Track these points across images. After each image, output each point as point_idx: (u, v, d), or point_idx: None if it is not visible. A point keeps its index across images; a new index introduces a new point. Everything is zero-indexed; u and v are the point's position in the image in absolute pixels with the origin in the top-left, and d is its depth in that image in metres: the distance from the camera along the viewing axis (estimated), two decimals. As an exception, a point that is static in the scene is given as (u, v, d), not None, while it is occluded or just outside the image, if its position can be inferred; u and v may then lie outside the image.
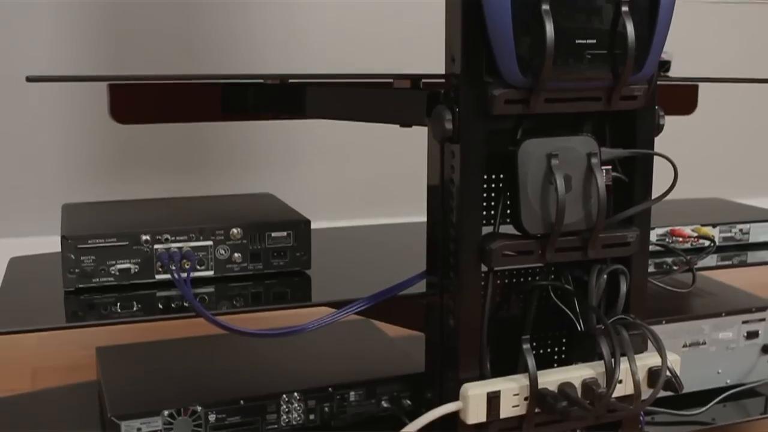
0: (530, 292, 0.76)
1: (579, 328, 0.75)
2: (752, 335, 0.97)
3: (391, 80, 0.72)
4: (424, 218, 0.73)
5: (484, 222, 0.72)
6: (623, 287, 0.74)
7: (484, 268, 0.70)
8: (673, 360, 0.74)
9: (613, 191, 0.74)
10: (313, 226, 0.80)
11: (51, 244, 0.89)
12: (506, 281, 0.76)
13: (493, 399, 0.69)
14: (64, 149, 1.46)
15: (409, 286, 0.75)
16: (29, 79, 0.59)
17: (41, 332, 0.67)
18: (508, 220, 0.72)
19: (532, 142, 0.68)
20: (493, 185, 0.73)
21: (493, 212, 0.73)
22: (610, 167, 0.72)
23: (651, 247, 0.90)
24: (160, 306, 0.74)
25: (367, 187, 1.62)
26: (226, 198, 0.92)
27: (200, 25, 1.48)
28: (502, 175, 0.72)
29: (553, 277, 0.77)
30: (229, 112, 0.83)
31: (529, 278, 0.77)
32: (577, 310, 0.75)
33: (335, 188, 1.61)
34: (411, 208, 1.11)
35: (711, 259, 0.92)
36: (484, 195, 0.73)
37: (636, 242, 0.73)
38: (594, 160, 0.69)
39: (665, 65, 0.88)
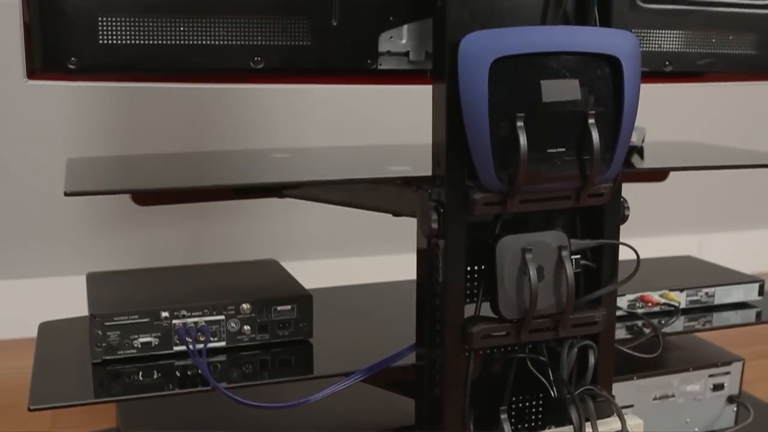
0: (509, 362, 0.84)
1: (553, 395, 0.84)
2: (718, 387, 1.05)
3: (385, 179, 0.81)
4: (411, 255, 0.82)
5: (468, 300, 0.81)
6: (591, 360, 0.83)
7: (466, 344, 0.79)
8: (634, 424, 0.83)
9: (583, 275, 0.83)
10: (309, 262, 0.88)
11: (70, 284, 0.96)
12: (488, 352, 0.85)
13: (474, 464, 0.78)
14: (84, 199, 1.55)
15: (401, 358, 0.84)
16: (67, 194, 0.67)
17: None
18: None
19: (509, 239, 0.76)
20: (476, 267, 0.81)
21: (476, 291, 0.82)
22: (579, 256, 0.81)
23: (623, 312, 0.99)
24: (178, 374, 0.83)
25: (360, 225, 1.71)
26: (234, 267, 1.00)
27: (211, 96, 1.58)
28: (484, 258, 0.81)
29: (530, 347, 0.85)
30: (239, 194, 0.92)
31: (509, 349, 0.85)
32: (551, 378, 0.84)
33: (332, 225, 1.70)
34: (401, 246, 1.21)
35: (679, 322, 1.00)
36: (467, 276, 0.81)
37: (602, 321, 0.81)
38: (564, 253, 0.77)
39: (635, 149, 0.97)
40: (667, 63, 0.94)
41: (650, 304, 0.99)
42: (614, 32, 0.76)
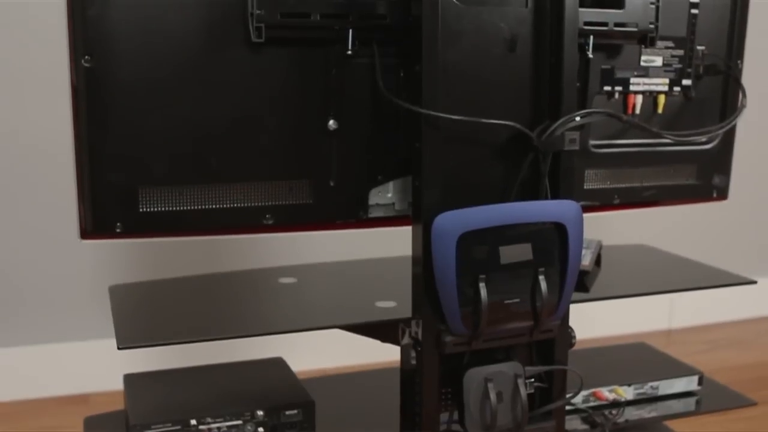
0: (477, 462, 1.02)
1: (514, 488, 1.02)
2: (663, 463, 1.23)
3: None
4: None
5: (443, 409, 0.98)
6: (544, 461, 1.00)
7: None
8: None
9: (538, 391, 1.00)
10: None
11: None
12: (460, 454, 1.02)
13: None
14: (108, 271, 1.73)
15: (387, 457, 1.01)
16: (120, 348, 0.85)
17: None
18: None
19: (474, 371, 0.94)
20: (449, 383, 0.98)
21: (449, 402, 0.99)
22: (533, 379, 0.98)
23: (577, 407, 1.17)
24: (204, 471, 1.01)
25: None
26: (247, 367, 1.18)
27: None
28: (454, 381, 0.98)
29: (494, 448, 1.03)
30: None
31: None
32: (512, 475, 1.02)
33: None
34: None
35: (628, 411, 1.18)
36: (441, 391, 0.98)
37: (552, 430, 0.99)
38: (519, 380, 0.95)
39: (585, 274, 1.14)
40: (615, 197, 1.11)
41: (601, 399, 1.17)
42: (560, 203, 0.93)
